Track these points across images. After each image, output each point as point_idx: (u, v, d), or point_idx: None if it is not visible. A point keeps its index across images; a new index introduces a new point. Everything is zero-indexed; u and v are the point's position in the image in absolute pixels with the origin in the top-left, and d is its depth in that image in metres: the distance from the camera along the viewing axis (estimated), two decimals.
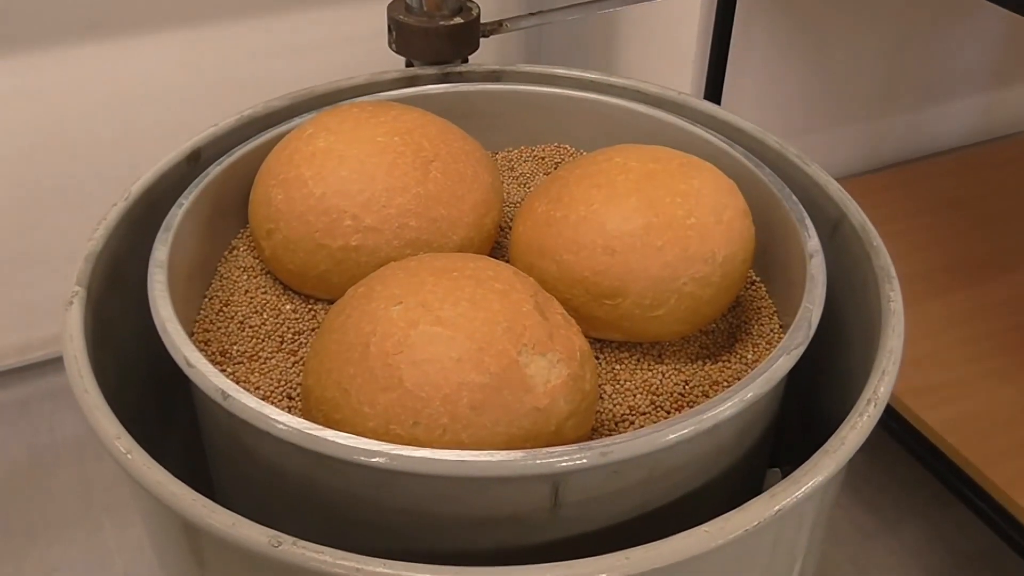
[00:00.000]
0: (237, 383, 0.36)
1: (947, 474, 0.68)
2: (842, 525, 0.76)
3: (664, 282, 0.37)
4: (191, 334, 0.40)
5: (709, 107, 0.48)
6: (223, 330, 0.40)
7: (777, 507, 0.30)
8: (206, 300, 0.41)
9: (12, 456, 0.83)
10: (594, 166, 0.40)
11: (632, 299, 0.37)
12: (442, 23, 0.50)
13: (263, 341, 0.39)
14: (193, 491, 0.30)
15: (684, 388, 0.38)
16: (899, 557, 0.75)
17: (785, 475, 0.44)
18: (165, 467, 0.31)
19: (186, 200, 0.41)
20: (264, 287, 0.42)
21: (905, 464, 0.75)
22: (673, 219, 0.37)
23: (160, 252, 0.39)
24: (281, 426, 0.31)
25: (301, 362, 0.38)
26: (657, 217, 0.37)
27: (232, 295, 0.42)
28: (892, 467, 0.78)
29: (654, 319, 0.38)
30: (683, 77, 0.85)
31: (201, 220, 0.42)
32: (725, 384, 0.38)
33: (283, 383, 0.38)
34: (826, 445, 0.32)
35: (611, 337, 0.39)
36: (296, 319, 0.40)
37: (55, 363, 0.88)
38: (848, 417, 0.33)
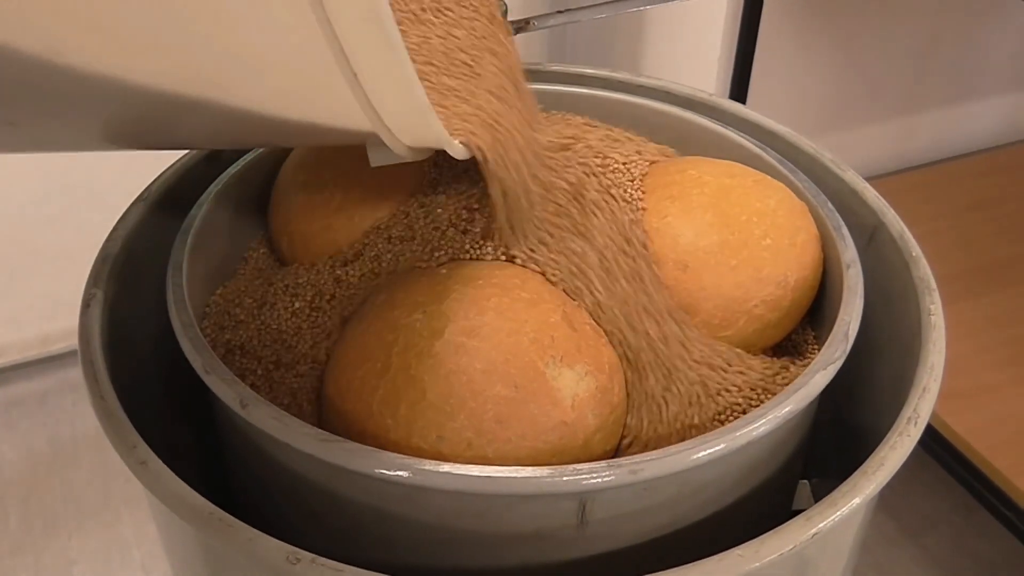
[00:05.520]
0: (256, 389, 0.35)
1: (972, 481, 0.67)
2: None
3: (735, 302, 0.36)
4: (210, 337, 0.39)
5: (740, 109, 0.47)
6: (243, 334, 0.39)
7: (814, 530, 0.29)
8: (225, 303, 0.41)
9: (33, 448, 0.83)
10: (667, 176, 0.39)
11: (701, 317, 0.36)
12: None
13: (283, 346, 0.39)
14: (210, 504, 0.29)
15: None
16: (922, 564, 0.74)
17: (814, 487, 0.44)
18: (181, 469, 0.31)
19: (205, 200, 0.41)
20: (285, 289, 0.41)
21: (929, 470, 0.74)
22: (749, 238, 0.36)
23: (179, 254, 0.38)
24: (300, 437, 0.30)
25: (322, 368, 0.38)
26: (733, 235, 0.36)
27: (252, 298, 0.41)
28: (916, 473, 0.77)
29: (720, 339, 0.37)
30: (708, 76, 0.83)
31: (220, 221, 0.41)
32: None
33: (304, 389, 0.37)
34: (864, 466, 0.31)
35: None
36: (319, 323, 0.40)
37: (76, 355, 0.88)
38: (887, 436, 0.32)
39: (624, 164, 0.39)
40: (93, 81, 0.22)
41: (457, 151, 0.30)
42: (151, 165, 0.45)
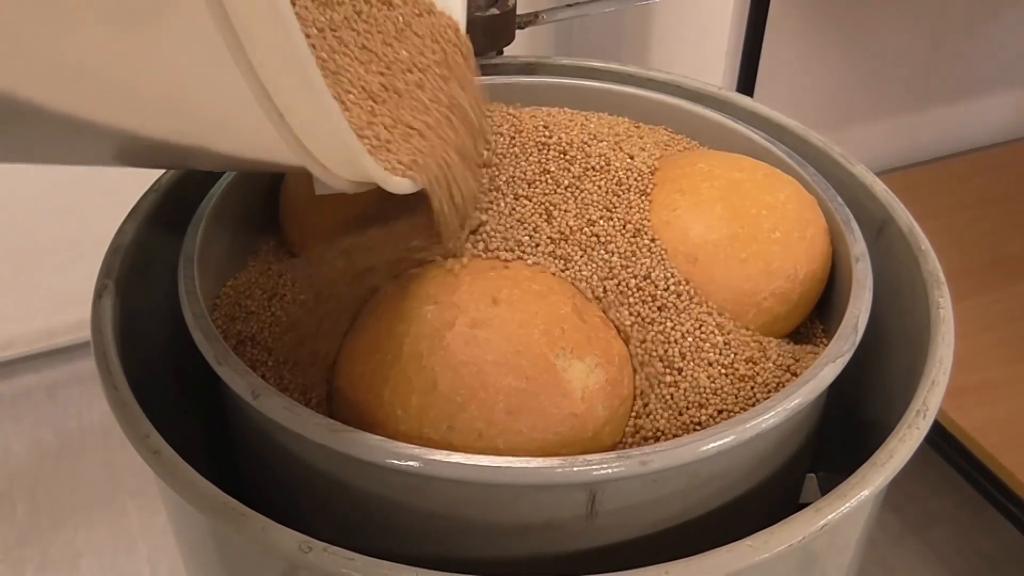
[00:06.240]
0: (267, 380, 0.36)
1: (978, 477, 0.67)
2: None
3: (745, 295, 0.36)
4: (221, 328, 0.39)
5: (750, 103, 0.47)
6: (254, 325, 0.39)
7: (823, 522, 0.29)
8: (236, 294, 0.41)
9: (40, 440, 0.83)
10: (676, 170, 0.39)
11: None
12: (477, 14, 0.49)
13: (294, 337, 0.39)
14: (223, 493, 0.30)
15: None
16: (927, 560, 0.74)
17: (821, 480, 0.44)
18: (192, 458, 0.31)
19: (216, 192, 0.41)
20: (295, 281, 0.41)
21: (934, 466, 0.74)
22: (759, 232, 0.36)
23: (190, 245, 0.38)
24: (312, 427, 0.30)
25: (333, 358, 0.38)
26: (743, 228, 0.36)
27: (262, 290, 0.41)
28: (920, 469, 0.77)
29: None
30: (716, 70, 0.83)
31: (231, 212, 0.41)
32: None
33: (314, 380, 0.37)
34: (873, 458, 0.31)
35: None
36: (328, 315, 0.40)
37: (82, 348, 0.88)
38: (896, 429, 0.32)
39: (632, 158, 0.39)
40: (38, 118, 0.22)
41: (395, 186, 0.28)
42: None
